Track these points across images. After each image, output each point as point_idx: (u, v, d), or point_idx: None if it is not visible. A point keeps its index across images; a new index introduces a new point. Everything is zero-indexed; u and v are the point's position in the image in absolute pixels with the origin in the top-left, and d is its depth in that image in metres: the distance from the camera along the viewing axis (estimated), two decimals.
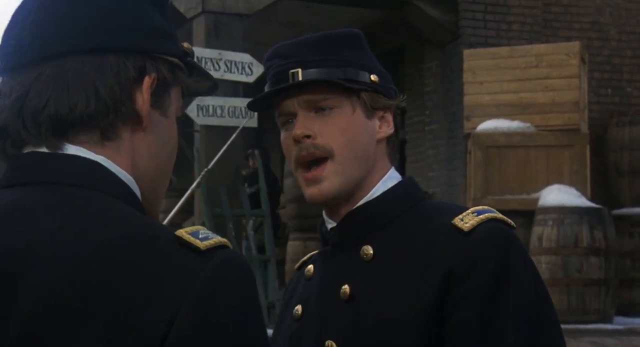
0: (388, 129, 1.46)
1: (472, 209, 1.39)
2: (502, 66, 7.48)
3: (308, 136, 1.40)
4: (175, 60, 1.02)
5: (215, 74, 7.71)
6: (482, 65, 7.56)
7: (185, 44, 1.05)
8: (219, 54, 7.78)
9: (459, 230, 1.34)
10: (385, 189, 1.45)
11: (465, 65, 7.65)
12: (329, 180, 1.40)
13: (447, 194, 8.90)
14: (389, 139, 1.47)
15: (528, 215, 6.88)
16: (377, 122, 1.45)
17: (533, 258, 6.75)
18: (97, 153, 0.96)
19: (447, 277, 1.32)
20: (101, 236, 0.89)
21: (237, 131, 6.63)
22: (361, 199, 1.43)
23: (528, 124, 7.33)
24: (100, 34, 0.97)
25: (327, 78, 1.41)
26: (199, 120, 7.69)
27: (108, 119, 0.96)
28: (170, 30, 1.04)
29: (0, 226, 0.91)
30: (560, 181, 7.09)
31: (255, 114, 7.76)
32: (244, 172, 10.52)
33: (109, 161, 0.97)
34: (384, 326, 1.34)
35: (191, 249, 0.89)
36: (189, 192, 5.07)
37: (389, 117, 1.47)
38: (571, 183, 7.10)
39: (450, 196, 8.80)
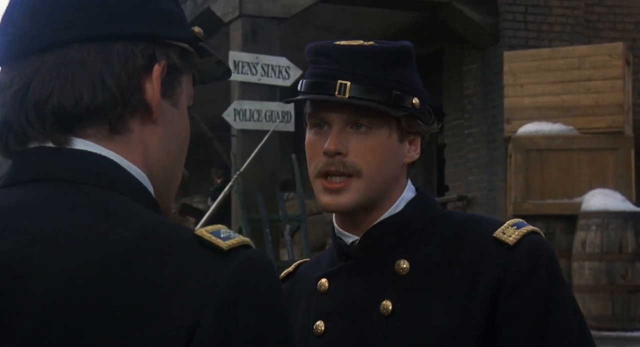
0: (415, 153, 1.45)
1: (509, 222, 1.40)
2: (543, 68, 7.35)
3: (340, 153, 1.38)
4: (186, 45, 0.96)
5: (252, 78, 7.69)
6: (522, 67, 7.44)
7: (196, 28, 0.98)
8: (256, 58, 7.76)
9: (503, 243, 1.35)
10: (406, 202, 1.43)
11: (506, 67, 7.52)
12: (349, 194, 1.39)
13: (486, 198, 8.77)
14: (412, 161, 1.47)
15: (570, 220, 6.74)
16: (407, 146, 1.44)
17: (576, 264, 6.58)
18: (106, 147, 0.90)
19: (496, 290, 1.33)
20: (114, 236, 0.83)
21: (268, 135, 6.59)
22: (383, 213, 1.42)
23: (570, 127, 7.19)
24: (106, 20, 0.90)
25: (372, 105, 1.37)
26: (236, 124, 7.67)
27: (116, 111, 0.90)
28: (179, 12, 0.97)
29: (8, 225, 0.86)
30: (603, 185, 6.94)
31: (292, 117, 7.72)
32: (211, 188, 10.50)
33: (119, 156, 0.90)
34: (434, 341, 1.33)
35: (212, 249, 0.83)
36: (221, 196, 5.04)
37: (418, 141, 1.46)
38: (615, 187, 6.94)
39: (490, 200, 8.67)
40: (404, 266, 1.37)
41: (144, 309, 0.80)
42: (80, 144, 0.89)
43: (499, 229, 1.36)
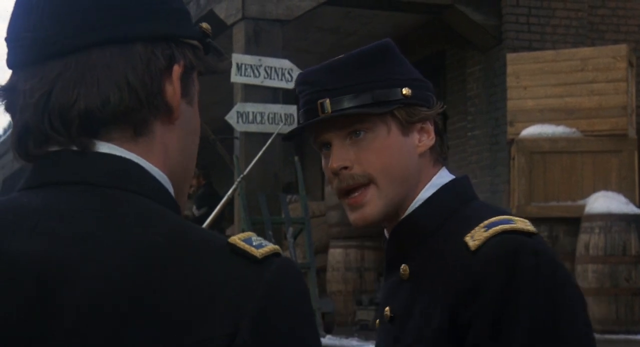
0: (428, 140, 1.42)
1: (485, 222, 1.32)
2: (546, 70, 7.34)
3: (345, 167, 1.38)
4: (196, 43, 0.95)
5: (255, 81, 7.68)
6: (526, 69, 7.42)
7: (204, 24, 0.97)
8: (259, 60, 7.75)
9: (468, 248, 1.29)
10: (424, 199, 1.41)
11: (509, 69, 7.51)
12: (370, 204, 1.39)
13: (489, 200, 8.75)
14: (432, 148, 1.43)
15: (574, 222, 6.73)
16: (416, 136, 1.42)
17: (579, 267, 6.53)
18: (129, 150, 0.89)
19: (456, 299, 1.28)
20: (146, 242, 0.82)
21: (272, 137, 6.58)
22: (404, 212, 1.41)
23: (574, 129, 7.17)
24: (125, 22, 0.89)
25: (355, 112, 1.37)
26: (239, 127, 7.66)
27: (141, 114, 0.89)
28: (187, 10, 0.96)
29: (36, 227, 0.84)
30: (607, 188, 6.92)
31: (295, 120, 7.71)
32: (190, 191, 10.45)
33: (142, 159, 0.89)
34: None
35: (246, 257, 0.83)
36: (225, 199, 5.03)
37: (429, 127, 1.43)
38: (619, 189, 6.93)
39: (494, 202, 8.65)
40: (406, 271, 1.38)
41: (180, 318, 0.79)
42: (104, 147, 0.89)
43: (471, 233, 1.30)
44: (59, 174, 0.88)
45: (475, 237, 1.29)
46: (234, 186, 5.53)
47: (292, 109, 7.75)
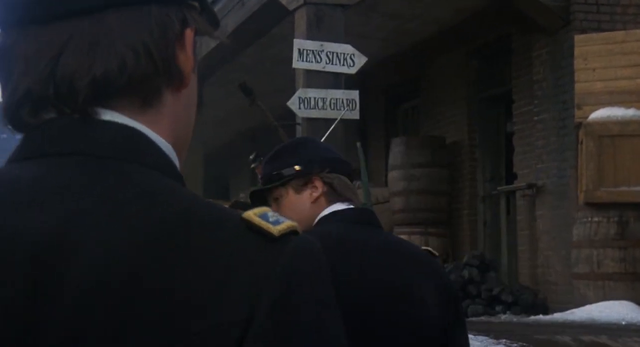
0: (316, 192, 2.11)
1: None
2: (616, 51, 7.13)
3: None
4: (197, 4, 0.89)
5: (316, 66, 7.64)
6: (594, 51, 7.22)
7: None
8: (321, 45, 7.70)
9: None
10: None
11: (577, 51, 7.32)
12: None
13: (556, 186, 8.57)
14: (324, 194, 2.11)
15: None
16: (307, 192, 2.12)
17: None
18: (135, 120, 0.83)
19: None
20: (151, 219, 0.76)
21: (335, 123, 6.53)
22: None
23: None
24: None
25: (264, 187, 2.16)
26: (300, 112, 7.63)
27: (156, 82, 0.83)
28: None
29: (31, 204, 0.77)
30: None
31: (357, 105, 7.65)
32: (259, 180, 10.34)
33: (148, 129, 0.83)
34: None
35: (262, 234, 0.76)
36: None
37: (317, 183, 2.11)
38: None
39: (561, 187, 8.46)
40: None
41: (192, 301, 0.73)
42: (108, 115, 0.82)
43: None
44: (56, 143, 0.81)
45: None
46: None
47: (355, 94, 7.69)
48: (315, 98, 7.63)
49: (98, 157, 0.80)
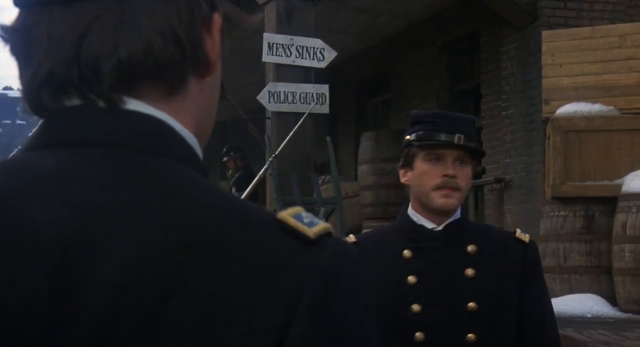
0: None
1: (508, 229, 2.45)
2: (582, 47, 7.20)
3: (454, 176, 2.25)
4: None
5: (286, 60, 7.63)
6: (561, 46, 7.29)
7: None
8: (291, 39, 7.69)
9: (521, 242, 2.30)
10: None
11: (544, 47, 7.38)
12: (454, 200, 2.27)
13: (524, 180, 8.65)
14: None
15: (610, 202, 6.62)
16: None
17: (616, 247, 6.50)
18: (160, 109, 0.79)
19: (521, 268, 2.29)
20: (182, 215, 0.72)
21: (304, 117, 6.54)
22: (452, 216, 2.31)
23: (611, 107, 7.04)
24: None
25: (476, 150, 2.30)
26: (270, 106, 7.63)
27: (183, 68, 0.79)
28: None
29: (55, 194, 0.73)
30: None
31: (327, 100, 7.66)
32: (228, 174, 10.15)
33: (173, 119, 0.79)
34: (498, 296, 2.22)
35: (297, 236, 0.74)
36: (256, 179, 5.01)
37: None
38: None
39: (528, 182, 8.55)
40: (474, 249, 2.24)
41: (228, 305, 0.70)
42: (133, 103, 0.78)
43: (517, 232, 2.32)
44: (79, 132, 0.77)
45: (523, 236, 2.30)
46: (265, 166, 5.49)
47: (325, 89, 7.69)
48: (285, 92, 7.62)
49: (123, 149, 0.77)
